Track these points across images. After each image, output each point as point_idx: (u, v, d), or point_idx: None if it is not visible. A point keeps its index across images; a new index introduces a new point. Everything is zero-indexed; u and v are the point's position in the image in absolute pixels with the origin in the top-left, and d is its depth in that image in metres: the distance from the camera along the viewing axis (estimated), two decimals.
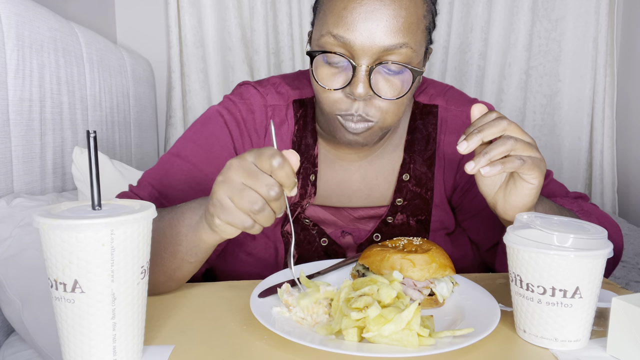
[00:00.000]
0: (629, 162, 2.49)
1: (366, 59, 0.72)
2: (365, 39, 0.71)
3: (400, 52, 0.72)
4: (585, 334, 0.58)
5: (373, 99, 0.76)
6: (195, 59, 2.37)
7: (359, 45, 0.71)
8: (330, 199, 0.91)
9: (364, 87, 0.73)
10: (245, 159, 0.56)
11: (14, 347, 1.05)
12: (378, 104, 0.76)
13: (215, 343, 0.58)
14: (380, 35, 0.71)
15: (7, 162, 1.16)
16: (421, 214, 0.90)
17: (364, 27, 0.71)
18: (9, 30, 1.14)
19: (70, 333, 0.49)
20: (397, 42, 0.72)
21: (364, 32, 0.71)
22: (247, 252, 0.90)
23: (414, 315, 0.54)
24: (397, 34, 0.71)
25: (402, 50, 0.72)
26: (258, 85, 0.91)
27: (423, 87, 0.92)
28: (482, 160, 0.62)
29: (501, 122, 0.63)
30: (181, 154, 0.85)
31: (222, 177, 0.57)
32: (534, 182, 0.64)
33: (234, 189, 0.56)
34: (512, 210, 0.68)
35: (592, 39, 2.48)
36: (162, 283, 0.71)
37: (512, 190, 0.67)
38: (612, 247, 0.57)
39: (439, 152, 0.90)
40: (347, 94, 0.75)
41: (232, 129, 0.87)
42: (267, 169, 0.56)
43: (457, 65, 2.50)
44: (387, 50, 0.72)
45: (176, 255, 0.68)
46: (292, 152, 0.58)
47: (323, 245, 0.89)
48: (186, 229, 0.66)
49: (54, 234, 0.47)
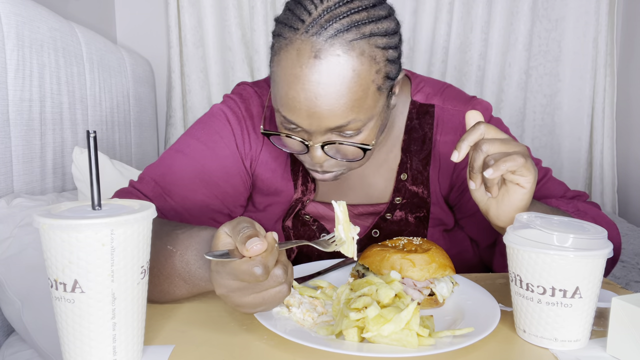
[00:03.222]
0: (629, 162, 2.49)
1: (317, 138, 0.73)
2: (310, 123, 0.71)
3: (351, 127, 0.72)
4: (585, 334, 0.58)
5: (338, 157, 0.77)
6: (195, 59, 2.37)
7: (307, 127, 0.71)
8: (330, 195, 0.92)
9: (322, 157, 0.75)
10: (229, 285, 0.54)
11: (14, 347, 1.05)
12: (343, 159, 0.77)
13: (215, 343, 0.58)
14: (325, 119, 0.70)
15: (7, 162, 1.16)
16: (420, 211, 0.91)
17: (307, 113, 0.70)
18: (9, 30, 1.14)
19: (70, 333, 0.49)
20: (343, 121, 0.70)
21: (308, 117, 0.70)
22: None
23: (413, 315, 0.54)
24: (342, 114, 0.70)
25: (352, 125, 0.71)
26: (255, 86, 0.92)
27: (420, 86, 0.92)
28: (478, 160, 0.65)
29: (479, 127, 0.65)
30: (184, 151, 0.86)
31: (223, 292, 0.56)
32: (527, 186, 0.65)
33: (233, 291, 0.55)
34: (504, 215, 0.68)
35: (592, 39, 2.48)
36: None
37: (505, 196, 0.67)
38: (612, 247, 0.57)
39: (435, 151, 0.90)
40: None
41: (234, 126, 0.88)
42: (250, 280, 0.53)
43: (457, 65, 2.50)
44: (337, 128, 0.71)
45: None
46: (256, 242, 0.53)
47: None
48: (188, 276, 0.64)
49: (54, 234, 0.47)
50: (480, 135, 0.65)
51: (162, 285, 0.66)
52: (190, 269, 0.63)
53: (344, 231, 0.60)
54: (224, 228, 0.56)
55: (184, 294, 0.66)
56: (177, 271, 0.64)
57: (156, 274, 0.65)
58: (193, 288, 0.64)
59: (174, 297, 0.67)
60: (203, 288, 0.64)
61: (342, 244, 0.60)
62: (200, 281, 0.63)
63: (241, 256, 0.52)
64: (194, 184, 0.84)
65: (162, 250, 0.65)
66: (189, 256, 0.63)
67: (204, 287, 0.63)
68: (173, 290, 0.66)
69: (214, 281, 0.56)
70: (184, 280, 0.64)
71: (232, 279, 0.54)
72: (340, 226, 0.60)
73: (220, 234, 0.56)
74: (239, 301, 0.56)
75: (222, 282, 0.55)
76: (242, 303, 0.56)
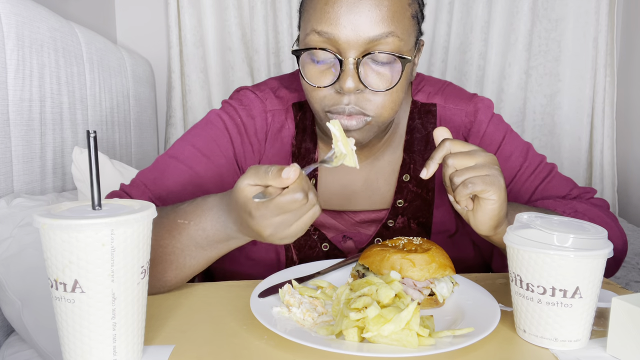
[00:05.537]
0: (629, 162, 2.49)
1: (353, 52, 0.71)
2: (350, 31, 0.70)
3: (387, 42, 0.71)
4: (585, 334, 0.58)
5: (364, 94, 0.74)
6: (195, 59, 2.37)
7: (344, 39, 0.70)
8: (331, 202, 0.90)
9: (353, 81, 0.71)
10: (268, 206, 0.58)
11: (14, 347, 1.05)
12: (370, 97, 0.74)
13: (215, 343, 0.58)
14: (364, 27, 0.70)
15: (7, 162, 1.16)
16: (422, 216, 0.90)
17: (347, 20, 0.70)
18: (9, 30, 1.14)
19: (70, 333, 0.49)
20: (382, 31, 0.70)
21: (347, 25, 0.70)
22: (248, 257, 0.89)
23: (413, 315, 0.54)
24: (381, 24, 0.70)
25: (389, 39, 0.71)
26: (256, 90, 0.90)
27: (421, 86, 0.92)
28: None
29: (444, 144, 0.67)
30: (179, 157, 0.84)
31: (258, 222, 0.60)
32: (493, 198, 0.65)
33: (279, 226, 0.60)
34: (482, 225, 0.68)
35: (592, 39, 2.48)
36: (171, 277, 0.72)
37: (477, 209, 0.68)
38: (612, 247, 0.57)
39: None
40: (337, 90, 0.74)
41: (233, 134, 0.86)
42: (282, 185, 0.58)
43: (457, 65, 2.50)
44: (374, 41, 0.71)
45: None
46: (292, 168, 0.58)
47: (324, 251, 0.89)
48: (207, 242, 0.69)
49: (54, 234, 0.47)
50: (447, 151, 0.67)
51: (177, 261, 0.69)
52: (207, 234, 0.68)
53: (344, 146, 0.64)
54: (244, 181, 0.59)
55: (200, 263, 0.70)
56: (194, 240, 0.68)
57: (171, 250, 0.69)
58: (210, 253, 0.69)
59: (189, 270, 0.71)
60: (220, 250, 0.69)
61: (344, 157, 0.64)
62: (218, 243, 0.68)
63: (280, 190, 0.57)
64: (185, 191, 0.82)
65: (173, 226, 0.69)
66: (204, 223, 0.67)
67: (221, 249, 0.69)
68: (189, 262, 0.70)
69: (260, 225, 0.59)
70: (202, 247, 0.69)
71: (277, 214, 0.58)
72: (340, 142, 0.63)
73: (242, 188, 0.59)
74: (284, 234, 0.60)
75: (267, 222, 0.59)
76: (287, 234, 0.60)
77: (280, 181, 0.56)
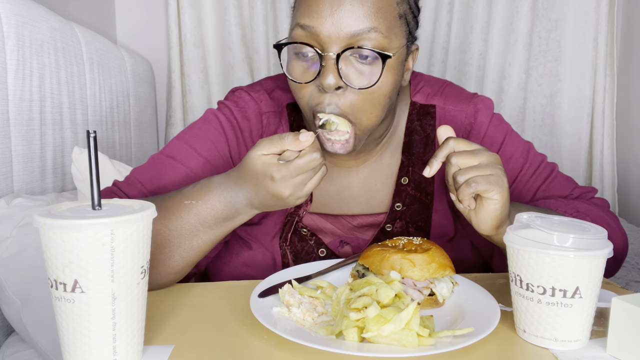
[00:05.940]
0: (629, 162, 2.49)
1: (334, 47, 0.70)
2: (331, 25, 0.69)
3: (370, 38, 0.70)
4: (585, 334, 0.58)
5: (346, 94, 0.72)
6: (195, 59, 2.37)
7: (326, 33, 0.70)
8: (328, 206, 0.89)
9: (334, 77, 0.70)
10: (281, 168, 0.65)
11: (14, 347, 1.05)
12: (351, 98, 0.72)
13: (215, 343, 0.58)
14: (346, 22, 0.69)
15: (7, 162, 1.16)
16: (420, 220, 0.89)
17: (329, 14, 0.69)
18: (9, 30, 1.14)
19: (70, 333, 0.49)
20: (364, 26, 0.69)
21: (329, 19, 0.69)
22: (245, 264, 0.89)
23: (413, 315, 0.54)
24: (364, 19, 0.69)
25: (372, 35, 0.70)
26: (251, 91, 0.89)
27: (420, 86, 0.90)
28: None
29: (448, 143, 0.68)
30: (176, 157, 0.84)
31: (278, 185, 0.66)
32: (496, 198, 0.65)
33: (297, 185, 0.66)
34: (484, 224, 0.68)
35: (592, 39, 2.48)
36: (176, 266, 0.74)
37: (480, 208, 0.68)
38: (612, 247, 0.57)
39: None
40: (319, 89, 0.73)
41: (229, 135, 0.86)
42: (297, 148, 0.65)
43: (457, 65, 2.50)
44: (355, 37, 0.70)
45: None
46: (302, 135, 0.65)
47: (321, 257, 0.88)
48: (214, 220, 0.72)
49: (54, 234, 0.47)
50: (451, 150, 0.67)
51: (185, 244, 0.72)
52: (216, 211, 0.71)
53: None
54: (257, 152, 0.66)
55: (206, 244, 0.73)
56: (203, 219, 0.71)
57: (178, 233, 0.71)
58: (217, 232, 0.72)
59: (195, 253, 0.73)
60: (226, 228, 0.72)
61: (332, 123, 0.73)
62: (225, 221, 0.71)
63: (297, 153, 0.65)
64: None
65: (181, 207, 0.71)
66: (213, 200, 0.70)
67: (227, 226, 0.72)
68: (196, 244, 0.72)
69: (281, 187, 0.65)
70: (209, 226, 0.71)
71: (297, 174, 0.65)
72: None
73: (256, 158, 0.66)
74: (300, 193, 0.67)
75: (288, 183, 0.65)
76: (302, 193, 0.67)
77: (297, 144, 0.64)
